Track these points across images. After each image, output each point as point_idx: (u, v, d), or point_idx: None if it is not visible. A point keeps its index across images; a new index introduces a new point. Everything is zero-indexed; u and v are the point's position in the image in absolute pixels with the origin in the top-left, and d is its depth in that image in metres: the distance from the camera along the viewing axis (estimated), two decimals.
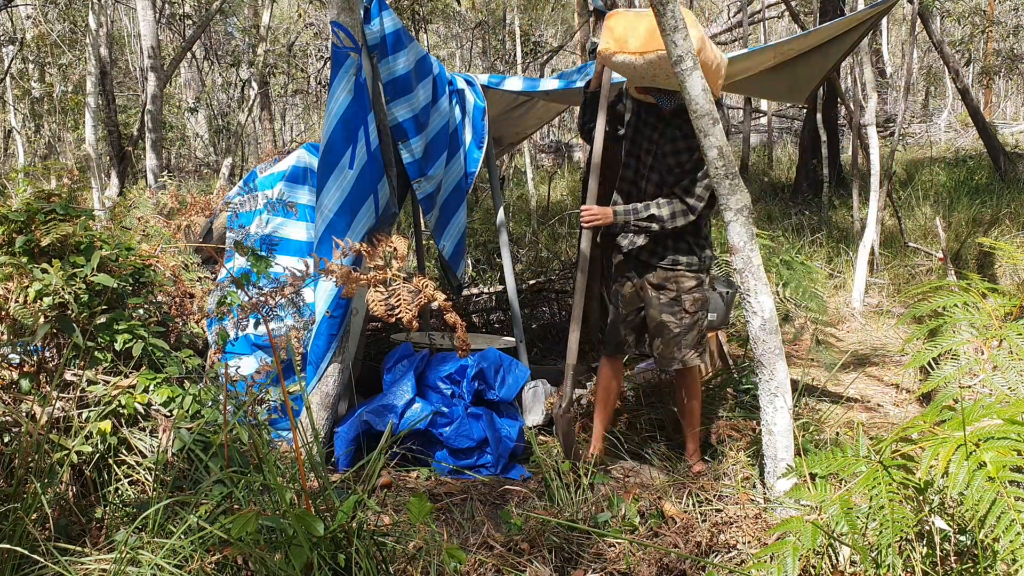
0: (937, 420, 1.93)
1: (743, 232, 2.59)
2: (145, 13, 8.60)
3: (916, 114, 17.38)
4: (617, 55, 2.89)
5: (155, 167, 8.43)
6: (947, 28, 18.08)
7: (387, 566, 1.96)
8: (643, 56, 2.84)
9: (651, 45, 2.81)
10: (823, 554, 1.98)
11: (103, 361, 2.48)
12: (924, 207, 9.11)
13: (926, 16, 9.71)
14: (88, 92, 9.76)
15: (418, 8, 11.27)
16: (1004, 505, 1.60)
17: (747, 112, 14.30)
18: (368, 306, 2.02)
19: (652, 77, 2.92)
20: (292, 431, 1.97)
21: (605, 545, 2.48)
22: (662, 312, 3.16)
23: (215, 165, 12.98)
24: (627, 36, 2.86)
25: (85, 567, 1.89)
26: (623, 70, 2.97)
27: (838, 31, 3.95)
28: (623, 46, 2.86)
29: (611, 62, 2.95)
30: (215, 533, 1.82)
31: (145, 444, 2.36)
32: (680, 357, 3.17)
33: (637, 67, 2.89)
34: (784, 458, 2.59)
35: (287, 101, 17.51)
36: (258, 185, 3.78)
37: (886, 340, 5.70)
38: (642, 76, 2.93)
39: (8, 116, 12.88)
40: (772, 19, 18.51)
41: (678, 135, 3.09)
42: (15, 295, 2.38)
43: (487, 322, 5.76)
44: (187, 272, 3.02)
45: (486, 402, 3.53)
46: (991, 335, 2.27)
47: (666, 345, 3.17)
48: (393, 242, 2.06)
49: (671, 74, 2.86)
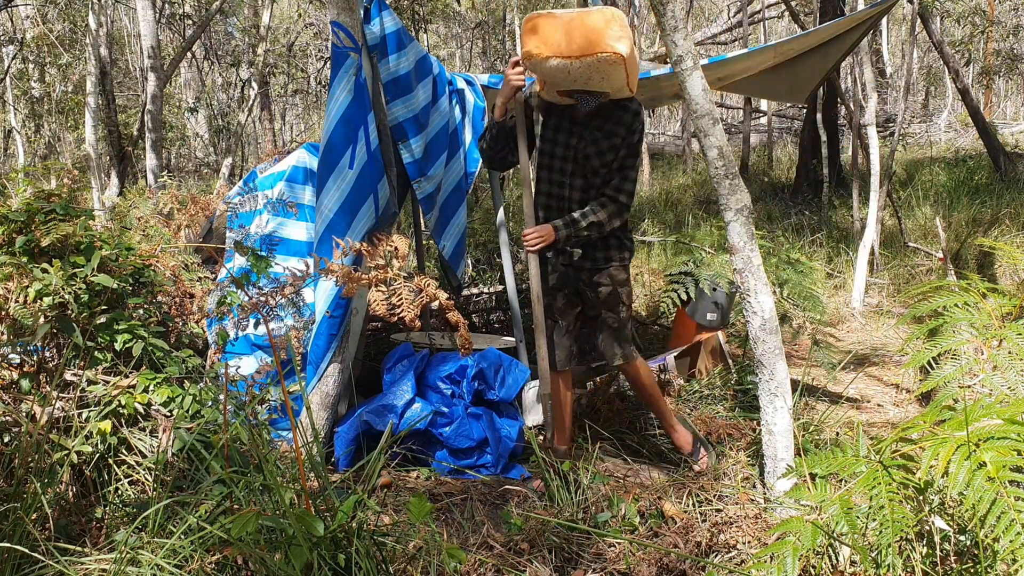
0: (937, 420, 1.93)
1: (743, 232, 2.59)
2: (145, 13, 8.60)
3: (916, 114, 17.38)
4: (552, 59, 2.83)
5: (155, 167, 8.43)
6: (947, 28, 18.09)
7: (387, 566, 1.96)
8: (582, 59, 2.79)
9: (591, 48, 2.77)
10: (823, 554, 1.98)
11: (103, 361, 2.48)
12: (924, 207, 9.12)
13: (926, 16, 9.71)
14: (88, 92, 9.77)
15: (418, 8, 11.28)
16: (1004, 505, 1.60)
17: (747, 112, 14.31)
18: (368, 306, 2.02)
19: (586, 80, 2.88)
20: (292, 431, 1.97)
21: (605, 545, 2.48)
22: (601, 308, 3.17)
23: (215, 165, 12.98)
24: (561, 40, 2.81)
25: (85, 567, 1.89)
26: (553, 74, 2.90)
27: (838, 31, 3.95)
28: (558, 50, 2.81)
29: (543, 67, 2.88)
30: (215, 533, 1.82)
31: (145, 444, 2.36)
32: (621, 352, 3.18)
33: (572, 71, 2.84)
34: (784, 458, 2.59)
35: (287, 101, 17.51)
36: (258, 185, 3.77)
37: (886, 340, 5.70)
38: (574, 79, 2.88)
39: (8, 116, 12.88)
40: (772, 19, 18.51)
41: (599, 135, 3.06)
42: (15, 295, 2.38)
43: (487, 322, 5.76)
44: (187, 272, 3.02)
45: (486, 402, 3.53)
46: (991, 335, 2.27)
47: (605, 342, 3.18)
48: (393, 242, 2.06)
49: (607, 75, 2.86)
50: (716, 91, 5.75)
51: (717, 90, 4.67)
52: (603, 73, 2.83)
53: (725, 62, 4.03)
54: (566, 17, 2.85)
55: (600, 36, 2.77)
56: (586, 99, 2.97)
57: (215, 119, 12.50)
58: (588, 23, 2.79)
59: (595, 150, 3.07)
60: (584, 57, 2.79)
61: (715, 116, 2.59)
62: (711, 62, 3.95)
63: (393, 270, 2.01)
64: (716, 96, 17.24)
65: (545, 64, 2.85)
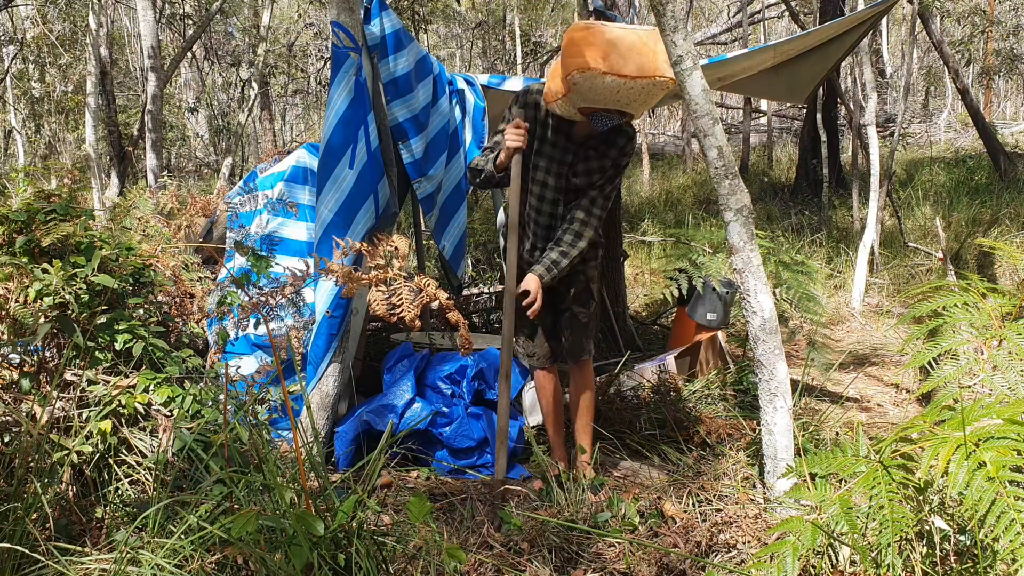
0: (937, 420, 1.93)
1: (743, 232, 2.59)
2: (145, 13, 8.61)
3: (916, 114, 17.38)
4: (608, 76, 2.67)
5: (155, 167, 8.43)
6: (947, 28, 18.09)
7: (387, 566, 1.96)
8: (637, 81, 2.69)
9: (649, 71, 2.68)
10: (823, 554, 1.98)
11: (103, 361, 2.48)
12: (924, 207, 9.12)
13: (926, 16, 9.71)
14: (88, 92, 9.77)
15: (418, 8, 11.28)
16: (1004, 505, 1.60)
17: (747, 112, 14.32)
18: (368, 306, 2.02)
19: (629, 101, 2.78)
20: (292, 431, 1.97)
21: (605, 545, 2.48)
22: (573, 304, 3.17)
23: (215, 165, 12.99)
24: (622, 58, 2.69)
25: (85, 567, 1.90)
26: (601, 91, 2.74)
27: (838, 31, 3.96)
28: (617, 68, 2.67)
29: (592, 82, 2.70)
30: (215, 533, 1.82)
31: (145, 444, 2.36)
32: (588, 348, 3.20)
33: (623, 90, 2.72)
34: (784, 458, 2.59)
35: (287, 101, 17.51)
36: (258, 185, 3.78)
37: (886, 340, 5.70)
38: (619, 99, 2.76)
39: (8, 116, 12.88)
40: (772, 19, 18.52)
41: (592, 154, 3.02)
42: (15, 295, 2.38)
43: (487, 322, 5.76)
44: (187, 272, 3.02)
45: (486, 402, 3.54)
46: (991, 335, 2.27)
47: (575, 336, 3.18)
48: (393, 242, 2.06)
49: (651, 99, 2.76)
50: (716, 91, 5.75)
51: (717, 90, 4.67)
52: (649, 96, 2.76)
53: (725, 62, 4.03)
54: (622, 34, 2.72)
55: (656, 58, 2.69)
56: (605, 119, 2.85)
57: (215, 119, 12.51)
58: (648, 43, 2.70)
59: (584, 168, 3.03)
60: (640, 79, 2.69)
61: (715, 116, 2.59)
62: (711, 62, 3.95)
63: (393, 270, 2.01)
64: (716, 96, 17.24)
65: (598, 80, 2.69)
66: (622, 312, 5.43)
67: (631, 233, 9.00)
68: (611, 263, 5.34)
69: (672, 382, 3.80)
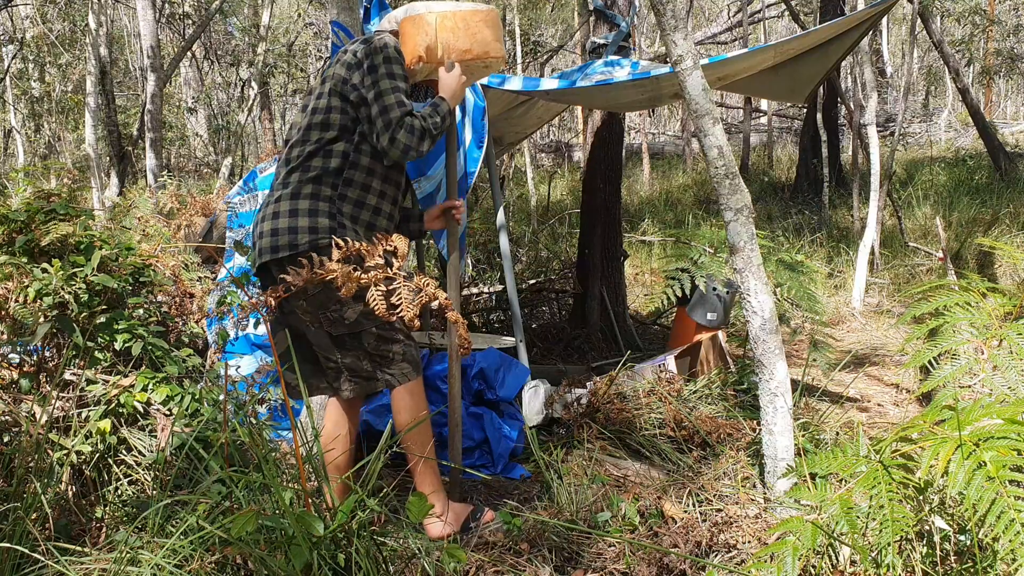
0: (937, 420, 1.93)
1: (743, 232, 2.59)
2: (145, 13, 8.60)
3: (916, 114, 17.38)
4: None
5: (155, 167, 8.43)
6: (947, 28, 18.08)
7: (387, 566, 1.96)
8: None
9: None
10: (823, 554, 1.98)
11: (102, 361, 2.48)
12: (924, 207, 9.12)
13: (926, 16, 9.71)
14: (88, 92, 9.77)
15: None
16: (1004, 505, 1.60)
17: (747, 112, 14.32)
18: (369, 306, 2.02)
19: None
20: (292, 431, 1.97)
21: (605, 545, 2.48)
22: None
23: (215, 165, 12.99)
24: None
25: (85, 567, 1.89)
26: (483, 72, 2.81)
27: (838, 31, 3.95)
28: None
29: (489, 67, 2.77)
30: (215, 533, 1.82)
31: (144, 443, 2.36)
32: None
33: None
34: (784, 458, 2.59)
35: (287, 101, 17.51)
36: (258, 185, 3.78)
37: (886, 340, 5.70)
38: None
39: (8, 116, 12.88)
40: (772, 19, 18.51)
41: None
42: (15, 295, 2.38)
43: (487, 322, 5.76)
44: (187, 272, 3.02)
45: (486, 402, 3.53)
46: (991, 335, 2.27)
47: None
48: (393, 242, 2.05)
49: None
50: (716, 91, 5.76)
51: (717, 90, 4.67)
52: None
53: (725, 62, 4.02)
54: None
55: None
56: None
57: (215, 119, 12.50)
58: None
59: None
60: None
61: (715, 116, 2.59)
62: (711, 62, 3.95)
63: (393, 270, 2.01)
64: (716, 96, 17.24)
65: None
66: (622, 312, 5.43)
67: (631, 233, 9.00)
68: (611, 263, 5.34)
69: (672, 382, 3.80)
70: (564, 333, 5.32)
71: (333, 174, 2.48)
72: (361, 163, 2.51)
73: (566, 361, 4.98)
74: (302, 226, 2.41)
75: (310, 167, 2.47)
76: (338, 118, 2.49)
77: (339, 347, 2.44)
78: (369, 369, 2.46)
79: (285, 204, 2.44)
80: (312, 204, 2.43)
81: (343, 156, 2.49)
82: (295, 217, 2.42)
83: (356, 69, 2.48)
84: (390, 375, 2.48)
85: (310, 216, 2.42)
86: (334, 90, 2.50)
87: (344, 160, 2.49)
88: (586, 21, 5.30)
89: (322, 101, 2.52)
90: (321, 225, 2.41)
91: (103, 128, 10.08)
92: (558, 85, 4.19)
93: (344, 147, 2.49)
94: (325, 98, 2.51)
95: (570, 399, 3.70)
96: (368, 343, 2.44)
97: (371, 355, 2.46)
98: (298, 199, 2.44)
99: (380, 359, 2.47)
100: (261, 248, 2.43)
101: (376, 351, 2.46)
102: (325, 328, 2.41)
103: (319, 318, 2.39)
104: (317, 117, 2.50)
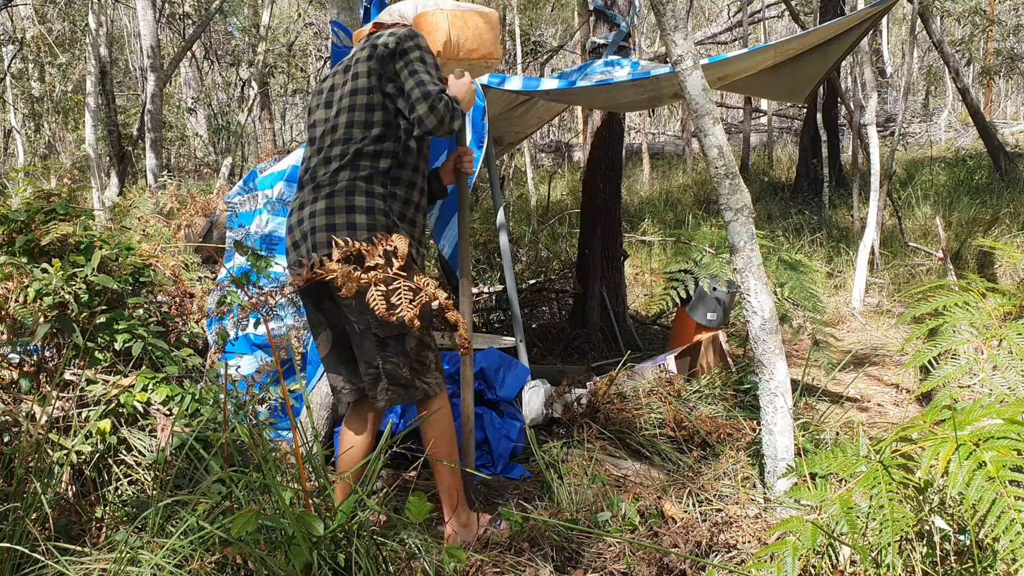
0: (937, 420, 1.93)
1: (743, 232, 2.59)
2: (145, 13, 8.60)
3: (916, 114, 17.38)
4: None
5: (155, 167, 8.44)
6: (947, 28, 18.08)
7: (387, 566, 1.96)
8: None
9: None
10: (823, 554, 1.98)
11: (102, 361, 2.48)
12: (924, 207, 9.12)
13: (926, 16, 9.71)
14: (88, 92, 9.77)
15: None
16: (1004, 505, 1.60)
17: (747, 112, 14.33)
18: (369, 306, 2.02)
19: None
20: (292, 431, 1.97)
21: (605, 545, 2.48)
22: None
23: (215, 165, 12.99)
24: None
25: (85, 567, 1.89)
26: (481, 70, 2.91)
27: (838, 31, 3.95)
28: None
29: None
30: (215, 533, 1.82)
31: (144, 443, 2.36)
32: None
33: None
34: (784, 458, 2.59)
35: (287, 101, 17.51)
36: (258, 185, 3.77)
37: (886, 340, 5.70)
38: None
39: (8, 116, 12.88)
40: (772, 19, 18.51)
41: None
42: (15, 295, 2.38)
43: (487, 322, 5.76)
44: (187, 272, 3.02)
45: (486, 402, 3.53)
46: (991, 335, 2.27)
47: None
48: (393, 242, 2.06)
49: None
50: (716, 91, 5.76)
51: (717, 90, 4.67)
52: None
53: (725, 62, 4.02)
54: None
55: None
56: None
57: (215, 119, 12.50)
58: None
59: None
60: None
61: (715, 116, 2.59)
62: (711, 62, 3.95)
63: (392, 269, 2.01)
64: (716, 96, 17.25)
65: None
66: (622, 312, 5.43)
67: (631, 233, 9.00)
68: (611, 263, 5.34)
69: (672, 382, 3.80)
70: (564, 333, 5.32)
71: (382, 173, 2.50)
72: (408, 161, 2.54)
73: (566, 361, 4.98)
74: (360, 223, 2.42)
75: (359, 166, 2.48)
76: (381, 116, 2.51)
77: (382, 350, 2.44)
78: (408, 376, 2.47)
79: (340, 200, 2.44)
80: (368, 202, 2.45)
81: (393, 156, 2.52)
82: (352, 213, 2.43)
83: (390, 59, 2.51)
84: (427, 383, 2.51)
85: (367, 214, 2.44)
86: (374, 87, 2.51)
87: (393, 160, 2.52)
88: (586, 21, 5.30)
89: (359, 98, 2.52)
90: (379, 223, 2.44)
91: (103, 128, 10.08)
92: (558, 85, 4.19)
93: (392, 146, 2.51)
94: (363, 95, 2.52)
95: (570, 399, 3.70)
96: (411, 347, 2.46)
97: (411, 360, 2.47)
98: (354, 195, 2.45)
99: (419, 365, 2.49)
100: (316, 242, 2.43)
101: (416, 356, 2.48)
102: (373, 329, 2.41)
103: (368, 318, 2.38)
104: (358, 115, 2.51)
